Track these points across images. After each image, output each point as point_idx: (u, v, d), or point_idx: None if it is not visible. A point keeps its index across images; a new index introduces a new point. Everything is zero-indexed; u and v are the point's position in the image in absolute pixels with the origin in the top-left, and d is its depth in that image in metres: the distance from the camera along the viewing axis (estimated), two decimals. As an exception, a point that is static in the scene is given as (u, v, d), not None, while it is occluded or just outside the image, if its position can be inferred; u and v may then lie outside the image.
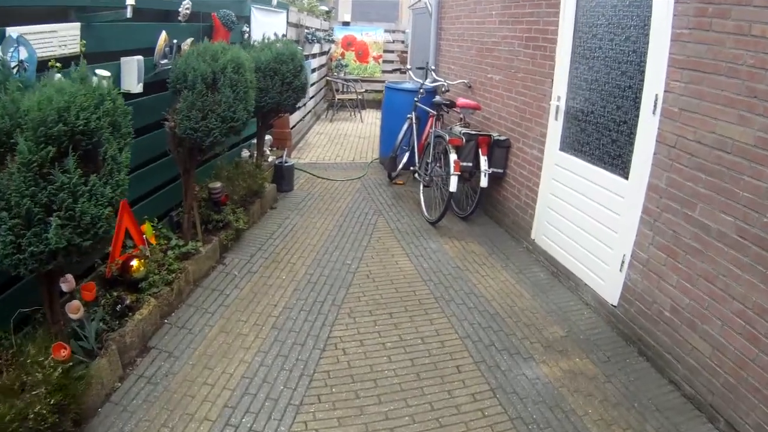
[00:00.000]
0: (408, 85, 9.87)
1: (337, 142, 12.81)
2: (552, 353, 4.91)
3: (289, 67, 7.46)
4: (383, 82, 16.31)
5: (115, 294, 4.69)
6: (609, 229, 5.46)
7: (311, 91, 13.85)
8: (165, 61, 5.62)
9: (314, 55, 14.17)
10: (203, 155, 5.73)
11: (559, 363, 4.78)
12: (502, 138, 7.58)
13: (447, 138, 7.40)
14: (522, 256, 6.94)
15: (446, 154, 7.44)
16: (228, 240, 6.45)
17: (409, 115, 9.14)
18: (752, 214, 3.90)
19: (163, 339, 4.80)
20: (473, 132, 7.67)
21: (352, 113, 16.22)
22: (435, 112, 8.52)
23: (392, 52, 17.75)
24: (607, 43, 5.48)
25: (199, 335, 4.89)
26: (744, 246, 3.97)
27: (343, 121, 15.60)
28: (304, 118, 13.16)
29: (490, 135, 7.58)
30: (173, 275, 5.28)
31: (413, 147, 9.01)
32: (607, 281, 5.50)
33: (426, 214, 7.94)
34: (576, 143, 6.07)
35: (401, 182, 9.53)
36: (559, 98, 6.33)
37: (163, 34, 5.55)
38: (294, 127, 11.73)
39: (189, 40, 6.00)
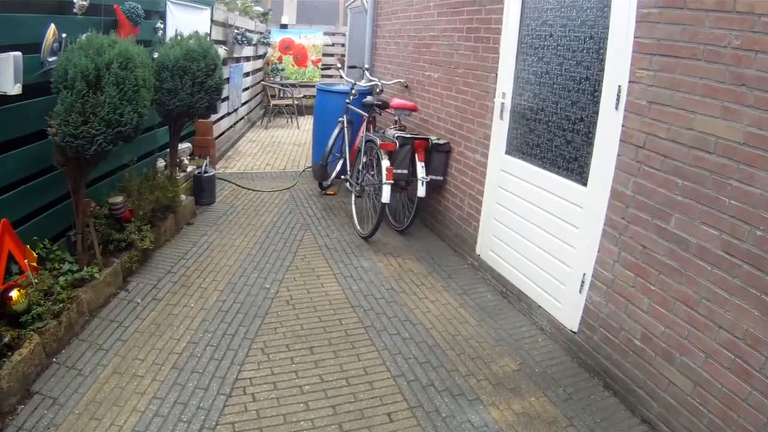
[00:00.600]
0: (342, 87, 9.07)
1: (270, 150, 11.88)
2: (502, 392, 4.18)
3: (201, 65, 6.61)
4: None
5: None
6: (566, 244, 4.77)
7: (244, 96, 13.10)
8: (53, 58, 4.84)
9: (248, 58, 13.34)
10: (92, 166, 4.89)
11: (511, 404, 4.04)
12: (441, 142, 6.87)
13: (378, 142, 6.66)
14: (467, 273, 6.21)
15: (379, 160, 6.69)
16: (132, 262, 5.60)
17: (340, 119, 8.34)
18: (742, 226, 3.24)
19: (48, 382, 4.02)
20: (408, 135, 6.86)
21: (289, 120, 15.40)
22: (366, 114, 7.73)
23: (332, 55, 16.90)
24: (559, 30, 4.80)
25: (90, 377, 4.12)
26: (732, 265, 3.31)
27: (279, 128, 14.74)
28: (235, 125, 12.34)
29: (427, 138, 6.89)
30: (62, 305, 4.50)
31: (346, 154, 8.21)
32: (564, 304, 4.81)
33: (358, 227, 7.20)
34: (525, 145, 5.40)
35: (332, 192, 8.75)
36: (504, 95, 5.66)
37: (52, 28, 4.80)
38: (223, 134, 10.94)
39: (84, 36, 5.15)
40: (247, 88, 13.49)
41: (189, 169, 8.03)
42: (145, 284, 5.53)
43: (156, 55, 6.56)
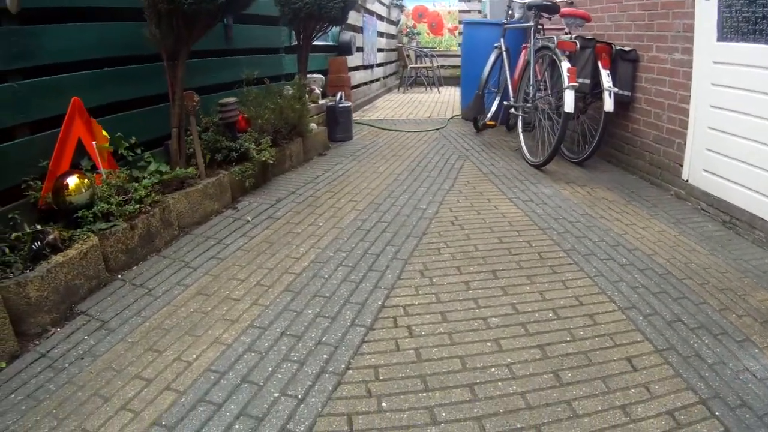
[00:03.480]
0: (492, 20, 7.39)
1: (410, 106, 10.14)
2: (777, 332, 2.54)
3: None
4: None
5: (38, 227, 2.77)
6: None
7: (379, 57, 11.59)
8: None
9: (381, 17, 11.89)
10: (192, 28, 3.49)
11: (796, 348, 2.40)
12: (627, 49, 5.20)
13: (556, 41, 5.16)
14: (672, 204, 4.43)
15: (554, 66, 5.19)
16: (245, 176, 4.17)
17: (496, 44, 6.68)
18: None
19: (104, 301, 2.74)
20: (589, 37, 5.33)
21: (428, 88, 13.58)
22: (532, 23, 5.99)
23: (470, 23, 15.15)
24: None
25: (163, 298, 2.79)
26: None
27: (417, 93, 12.73)
28: (371, 83, 10.91)
29: (610, 44, 5.27)
30: (139, 206, 3.16)
31: (505, 87, 6.54)
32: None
33: (528, 156, 5.61)
34: (745, 22, 3.78)
35: (492, 123, 6.98)
36: (708, -35, 3.94)
37: None
38: (358, 87, 9.49)
39: None
40: (381, 50, 12.02)
41: (321, 101, 6.57)
42: (260, 203, 4.11)
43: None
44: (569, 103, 4.83)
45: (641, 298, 2.83)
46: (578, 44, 5.13)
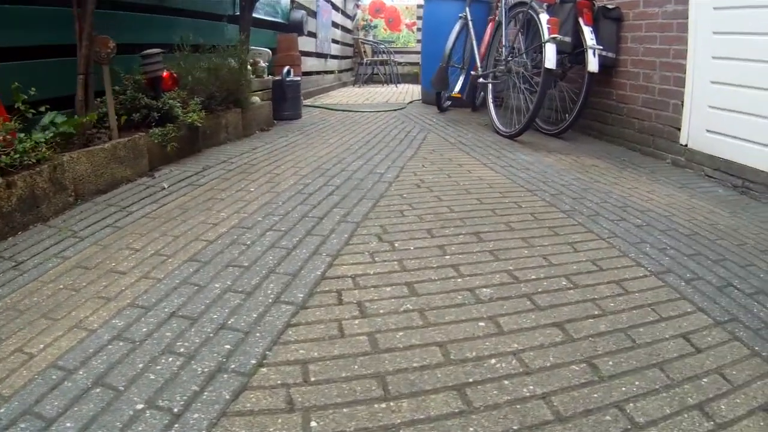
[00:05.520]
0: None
1: (367, 95, 9.35)
2: None
3: None
4: (420, 53, 13.40)
5: None
6: None
7: (334, 49, 10.80)
8: None
9: (336, 8, 11.00)
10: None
11: None
12: (610, 6, 4.59)
13: None
14: (672, 171, 3.85)
15: (529, 25, 4.63)
16: (167, 139, 3.33)
17: (461, 14, 5.96)
18: None
19: None
20: None
21: (386, 84, 12.64)
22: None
23: (426, 18, 14.34)
24: None
25: (30, 273, 1.96)
26: None
27: (374, 87, 11.67)
28: (325, 74, 10.08)
29: (591, 0, 4.60)
30: (20, 157, 2.35)
31: (471, 60, 5.80)
32: None
33: (500, 126, 4.92)
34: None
35: (458, 95, 6.20)
36: None
37: None
38: (309, 75, 8.60)
39: None
40: (336, 42, 11.20)
41: (267, 77, 5.75)
42: (183, 171, 3.29)
43: None
44: (551, 57, 4.16)
45: (675, 262, 2.17)
46: (558, -1, 4.46)
